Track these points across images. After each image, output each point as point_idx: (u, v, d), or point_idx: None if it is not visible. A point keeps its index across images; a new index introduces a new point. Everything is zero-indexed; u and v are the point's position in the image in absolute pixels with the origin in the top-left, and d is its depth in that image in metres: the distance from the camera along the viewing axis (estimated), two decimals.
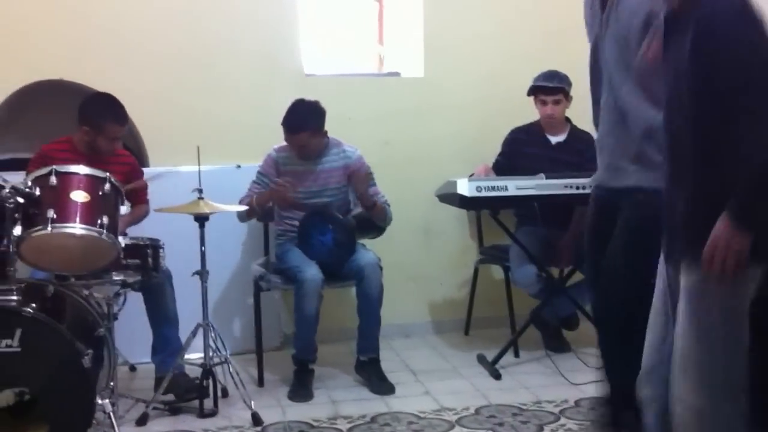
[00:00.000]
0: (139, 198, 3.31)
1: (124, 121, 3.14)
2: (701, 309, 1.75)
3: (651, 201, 2.09)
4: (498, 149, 3.85)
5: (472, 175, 3.60)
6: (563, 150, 3.71)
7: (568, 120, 3.76)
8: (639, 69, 2.20)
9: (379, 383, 3.28)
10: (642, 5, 2.20)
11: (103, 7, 3.61)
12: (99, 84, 3.45)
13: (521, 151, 3.75)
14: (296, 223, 3.41)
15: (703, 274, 1.74)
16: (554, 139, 3.75)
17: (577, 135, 3.72)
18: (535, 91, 3.70)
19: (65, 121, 3.32)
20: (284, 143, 3.42)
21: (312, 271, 3.20)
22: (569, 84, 3.65)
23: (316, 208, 3.39)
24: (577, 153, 3.61)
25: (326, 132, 3.38)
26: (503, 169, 3.74)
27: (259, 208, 3.38)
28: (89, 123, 3.06)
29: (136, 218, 3.28)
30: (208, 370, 2.96)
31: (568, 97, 3.67)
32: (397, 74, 4.20)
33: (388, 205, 3.49)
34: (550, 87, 3.64)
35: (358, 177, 3.34)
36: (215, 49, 3.74)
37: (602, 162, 2.43)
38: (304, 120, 3.31)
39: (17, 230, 2.45)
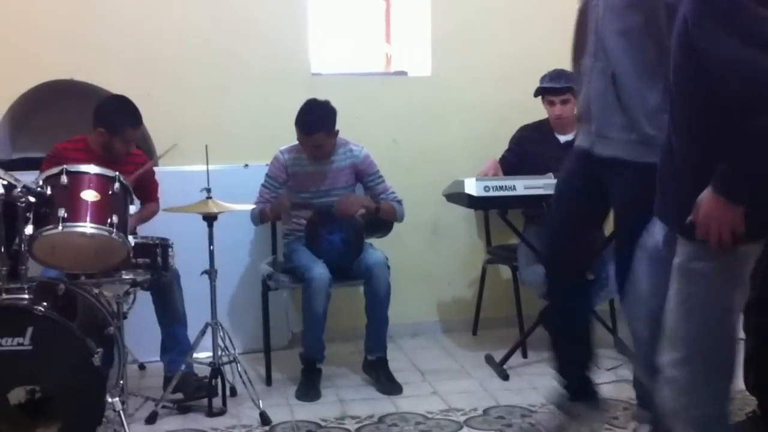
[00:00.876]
0: (149, 196, 3.32)
1: (139, 124, 3.16)
2: (690, 287, 1.68)
3: (641, 178, 2.05)
4: (506, 148, 3.84)
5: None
6: None
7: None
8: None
9: (387, 383, 3.28)
10: None
11: (112, 8, 3.62)
12: (109, 84, 3.47)
13: (530, 149, 3.73)
14: (304, 222, 3.42)
15: (693, 251, 1.65)
16: (563, 138, 3.73)
17: None
18: (542, 92, 3.69)
19: (76, 121, 3.33)
20: (291, 144, 3.43)
21: (320, 270, 3.21)
22: None
23: (323, 207, 3.39)
24: None
25: (338, 131, 3.39)
26: (510, 165, 3.72)
27: (273, 217, 3.46)
28: (104, 125, 3.08)
29: (145, 216, 3.29)
30: (216, 369, 2.97)
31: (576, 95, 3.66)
32: (404, 73, 4.19)
33: (400, 202, 3.50)
34: (557, 88, 3.63)
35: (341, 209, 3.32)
36: (223, 48, 3.74)
37: (588, 126, 2.34)
38: (320, 120, 3.31)
39: (29, 229, 2.47)
